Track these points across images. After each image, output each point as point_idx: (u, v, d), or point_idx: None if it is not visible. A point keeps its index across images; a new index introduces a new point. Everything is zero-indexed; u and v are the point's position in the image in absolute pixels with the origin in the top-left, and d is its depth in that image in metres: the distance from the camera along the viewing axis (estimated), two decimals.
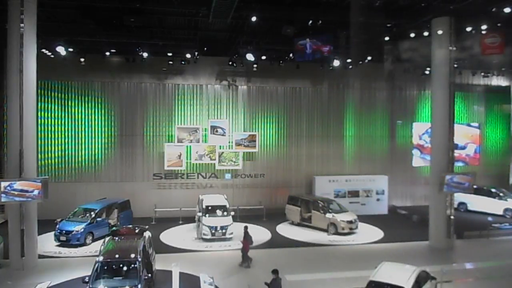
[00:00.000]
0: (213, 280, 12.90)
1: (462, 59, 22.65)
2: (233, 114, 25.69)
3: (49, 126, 23.55)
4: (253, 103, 25.93)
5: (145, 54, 22.00)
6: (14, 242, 15.46)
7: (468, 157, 29.09)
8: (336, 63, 23.72)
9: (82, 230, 18.48)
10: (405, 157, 28.03)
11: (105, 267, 11.76)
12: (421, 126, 28.02)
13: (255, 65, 23.62)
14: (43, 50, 20.65)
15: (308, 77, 26.25)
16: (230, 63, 23.99)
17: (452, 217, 18.85)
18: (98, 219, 19.48)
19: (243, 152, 25.41)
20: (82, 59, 22.15)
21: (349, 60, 24.05)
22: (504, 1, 16.82)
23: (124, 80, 24.55)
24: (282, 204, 23.97)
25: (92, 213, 19.35)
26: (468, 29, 19.14)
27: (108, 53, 22.43)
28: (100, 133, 24.27)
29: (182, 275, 13.43)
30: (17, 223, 15.34)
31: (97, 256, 12.21)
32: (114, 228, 18.63)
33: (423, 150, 27.88)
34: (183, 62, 22.97)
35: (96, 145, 24.25)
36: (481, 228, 20.90)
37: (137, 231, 14.18)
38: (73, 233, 18.31)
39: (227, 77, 25.47)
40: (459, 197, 24.02)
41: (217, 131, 24.93)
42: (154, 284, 13.32)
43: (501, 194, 24.82)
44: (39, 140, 21.84)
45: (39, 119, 21.65)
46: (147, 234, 14.11)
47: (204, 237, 19.40)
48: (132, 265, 11.81)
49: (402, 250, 18.60)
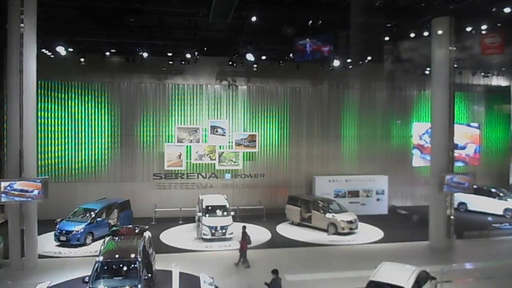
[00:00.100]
0: (213, 280, 12.90)
1: (462, 59, 22.62)
2: (233, 114, 25.69)
3: (49, 126, 23.57)
4: (253, 103, 25.94)
5: (145, 54, 22.00)
6: (14, 242, 15.46)
7: (468, 157, 29.11)
8: (336, 63, 23.69)
9: (82, 230, 18.50)
10: (405, 157, 28.05)
11: (105, 267, 11.77)
12: (421, 126, 28.02)
13: (255, 65, 23.61)
14: (43, 50, 20.65)
15: (308, 77, 26.25)
16: (230, 63, 23.98)
17: (452, 217, 18.86)
18: (98, 219, 19.49)
19: (243, 152, 25.42)
20: (82, 59, 22.15)
21: (349, 60, 24.03)
22: (504, 1, 16.81)
23: (124, 80, 24.56)
24: (282, 204, 23.98)
25: (92, 213, 19.36)
26: (468, 29, 19.14)
27: (108, 53, 22.43)
28: (100, 133, 24.28)
29: (182, 275, 13.43)
30: (17, 223, 15.35)
31: (97, 256, 12.22)
32: (114, 228, 18.57)
33: (423, 150, 27.88)
34: (183, 62, 22.95)
35: (96, 145, 24.25)
36: (481, 228, 20.91)
37: (137, 231, 14.17)
38: (73, 233, 18.33)
39: (227, 77, 25.47)
40: (459, 197, 24.01)
41: (217, 131, 24.92)
42: (154, 284, 13.31)
43: (501, 194, 24.83)
44: (39, 140, 21.83)
45: (39, 119, 21.66)
46: (147, 234, 14.12)
47: (204, 237, 19.41)
48: (132, 265, 11.82)
49: (402, 250, 18.61)
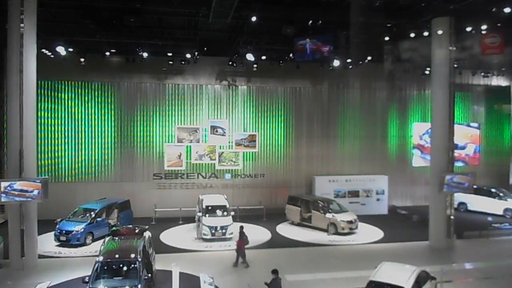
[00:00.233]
0: (213, 280, 12.90)
1: (462, 59, 22.60)
2: (233, 114, 25.69)
3: (49, 126, 23.56)
4: (253, 103, 25.93)
5: (145, 54, 21.99)
6: (14, 242, 15.45)
7: (467, 157, 29.12)
8: (336, 63, 23.68)
9: (82, 230, 18.49)
10: (405, 157, 28.07)
11: (105, 267, 11.76)
12: (421, 126, 28.02)
13: (255, 65, 23.60)
14: (43, 50, 20.65)
15: (308, 77, 26.24)
16: (230, 63, 23.96)
17: (452, 217, 18.85)
18: (98, 219, 19.49)
19: (243, 152, 25.42)
20: (82, 59, 22.14)
21: (349, 60, 24.01)
22: (504, 1, 16.80)
23: (124, 80, 24.55)
24: (282, 204, 23.97)
25: (92, 213, 19.36)
26: (468, 29, 19.12)
27: (108, 53, 22.42)
28: (100, 133, 24.27)
29: (182, 275, 13.43)
30: (17, 223, 15.34)
31: (97, 256, 12.21)
32: (114, 228, 18.55)
33: (423, 150, 27.88)
34: (183, 62, 22.93)
35: (96, 145, 24.25)
36: (481, 228, 20.90)
37: (137, 231, 14.17)
38: (73, 233, 18.32)
39: (227, 77, 25.46)
40: (459, 197, 24.00)
41: (217, 131, 24.92)
42: (154, 284, 13.31)
43: (501, 194, 24.82)
44: (39, 140, 21.83)
45: (39, 119, 21.67)
46: (147, 234, 14.11)
47: (204, 237, 19.40)
48: (132, 265, 11.82)
49: (402, 250, 18.61)
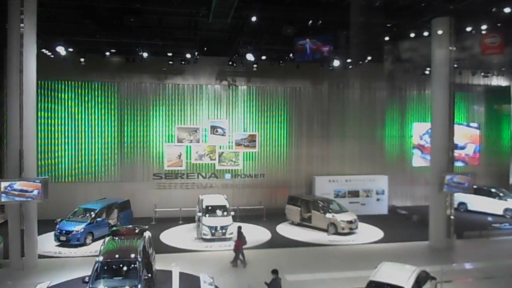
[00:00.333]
0: (213, 280, 12.89)
1: (462, 59, 22.60)
2: (233, 114, 25.69)
3: (49, 126, 23.57)
4: (253, 103, 25.93)
5: (145, 54, 21.99)
6: (14, 242, 15.45)
7: (467, 157, 29.13)
8: (336, 63, 23.67)
9: (82, 230, 18.49)
10: (405, 157, 28.08)
11: (105, 267, 11.76)
12: (421, 126, 28.03)
13: (255, 65, 23.60)
14: (43, 50, 20.65)
15: (308, 77, 26.24)
16: (230, 63, 23.96)
17: (452, 217, 18.85)
18: (98, 219, 19.49)
19: (243, 152, 25.42)
20: (82, 59, 22.15)
21: (349, 60, 24.01)
22: (504, 1, 16.79)
23: (124, 80, 24.55)
24: (282, 204, 23.97)
25: (92, 213, 19.36)
26: (468, 29, 19.11)
27: (108, 53, 22.42)
28: (100, 133, 24.27)
29: (182, 275, 13.43)
30: (17, 223, 15.34)
31: (97, 256, 12.21)
32: (114, 228, 18.55)
33: (423, 150, 27.88)
34: (183, 62, 22.94)
35: (96, 145, 24.25)
36: (481, 228, 20.90)
37: (137, 231, 14.16)
38: (73, 233, 18.32)
39: (227, 77, 25.46)
40: (459, 197, 24.00)
41: (217, 131, 24.94)
42: (154, 284, 13.31)
43: (501, 194, 24.82)
44: (39, 140, 21.83)
45: (39, 119, 21.67)
46: (147, 234, 14.11)
47: (204, 237, 19.40)
48: (132, 265, 11.81)
49: (402, 250, 18.61)
